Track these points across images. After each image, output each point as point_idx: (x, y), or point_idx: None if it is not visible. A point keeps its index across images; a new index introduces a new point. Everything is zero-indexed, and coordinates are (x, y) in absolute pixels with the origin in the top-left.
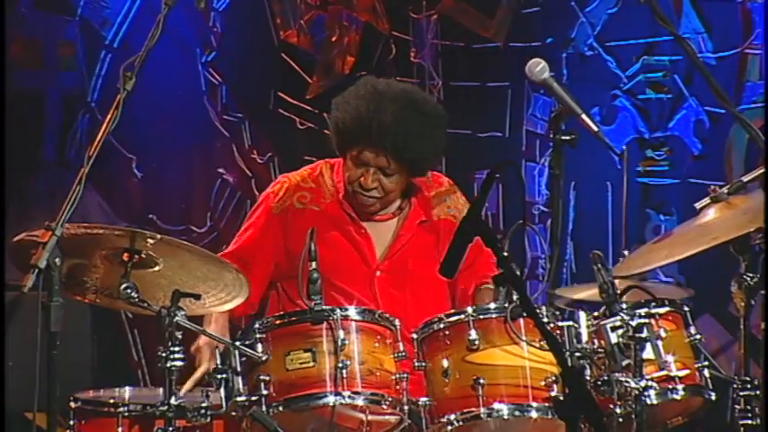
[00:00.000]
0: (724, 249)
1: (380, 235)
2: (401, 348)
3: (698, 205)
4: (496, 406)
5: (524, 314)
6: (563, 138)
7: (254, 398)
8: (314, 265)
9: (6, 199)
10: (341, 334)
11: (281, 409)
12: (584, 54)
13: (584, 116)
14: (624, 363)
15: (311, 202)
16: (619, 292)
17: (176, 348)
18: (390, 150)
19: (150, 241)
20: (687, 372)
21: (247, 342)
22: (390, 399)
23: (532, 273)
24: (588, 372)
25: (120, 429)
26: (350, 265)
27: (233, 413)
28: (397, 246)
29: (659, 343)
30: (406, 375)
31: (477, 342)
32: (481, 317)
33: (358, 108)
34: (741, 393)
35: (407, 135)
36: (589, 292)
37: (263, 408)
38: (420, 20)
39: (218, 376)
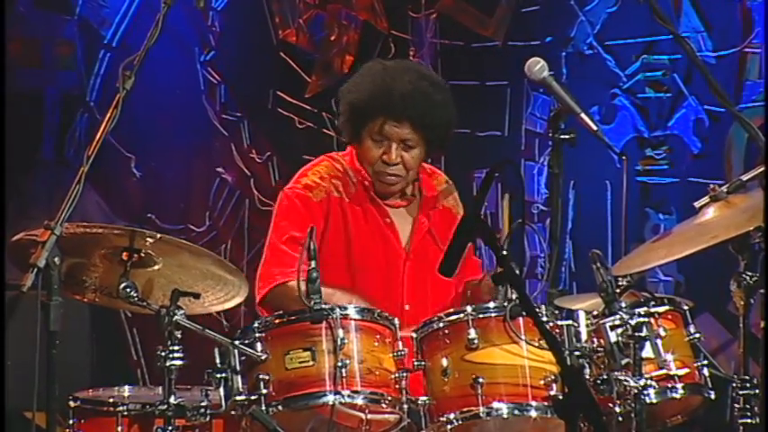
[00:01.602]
0: (723, 248)
1: (400, 224)
2: (400, 347)
3: (697, 204)
4: (496, 405)
5: (523, 313)
6: (562, 137)
7: (253, 397)
8: (313, 264)
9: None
10: (340, 333)
11: (280, 408)
12: (583, 53)
13: (583, 115)
14: (623, 362)
15: (343, 190)
16: (618, 291)
17: (175, 347)
18: (415, 117)
19: (150, 240)
20: (686, 370)
21: (246, 341)
22: (390, 398)
23: (531, 272)
24: (587, 371)
25: (119, 428)
26: (381, 256)
27: (232, 412)
28: (418, 235)
29: (659, 342)
30: (405, 374)
31: (476, 341)
32: (480, 316)
33: (374, 83)
34: (740, 392)
35: (428, 101)
36: (589, 302)
37: (263, 407)
38: (419, 19)
39: (218, 375)
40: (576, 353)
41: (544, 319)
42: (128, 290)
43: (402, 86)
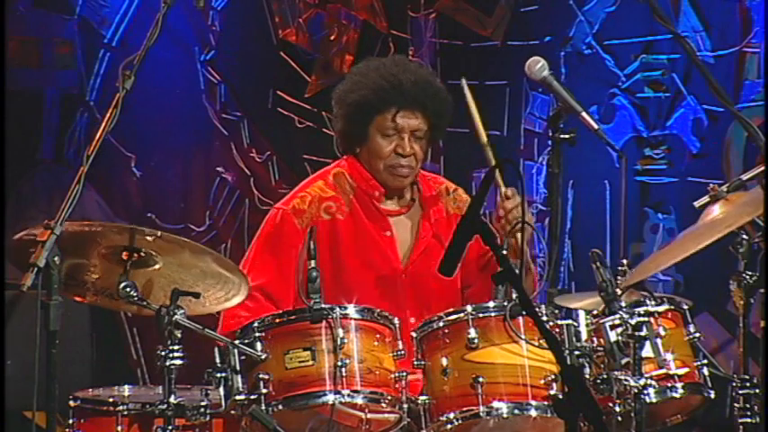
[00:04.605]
0: (723, 248)
1: (401, 234)
2: (400, 347)
3: (697, 204)
4: (496, 404)
5: (523, 312)
6: (562, 136)
7: (253, 396)
8: (313, 263)
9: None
10: (340, 332)
11: (280, 407)
12: (582, 52)
13: (584, 114)
14: (623, 361)
15: (337, 211)
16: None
17: (175, 347)
18: (426, 105)
19: (149, 238)
20: (686, 370)
21: (246, 341)
22: (389, 397)
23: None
24: (587, 370)
25: (119, 428)
26: (377, 273)
27: (232, 412)
28: (419, 247)
29: (658, 341)
30: (405, 374)
31: (476, 340)
32: (480, 315)
33: (380, 77)
34: (740, 392)
35: (433, 88)
36: (588, 301)
37: (263, 406)
38: (418, 18)
39: (218, 375)
40: (576, 352)
41: (544, 318)
42: (128, 289)
43: (410, 75)
